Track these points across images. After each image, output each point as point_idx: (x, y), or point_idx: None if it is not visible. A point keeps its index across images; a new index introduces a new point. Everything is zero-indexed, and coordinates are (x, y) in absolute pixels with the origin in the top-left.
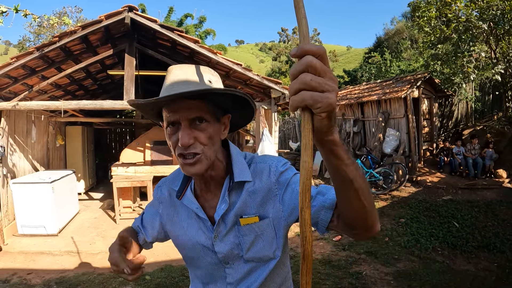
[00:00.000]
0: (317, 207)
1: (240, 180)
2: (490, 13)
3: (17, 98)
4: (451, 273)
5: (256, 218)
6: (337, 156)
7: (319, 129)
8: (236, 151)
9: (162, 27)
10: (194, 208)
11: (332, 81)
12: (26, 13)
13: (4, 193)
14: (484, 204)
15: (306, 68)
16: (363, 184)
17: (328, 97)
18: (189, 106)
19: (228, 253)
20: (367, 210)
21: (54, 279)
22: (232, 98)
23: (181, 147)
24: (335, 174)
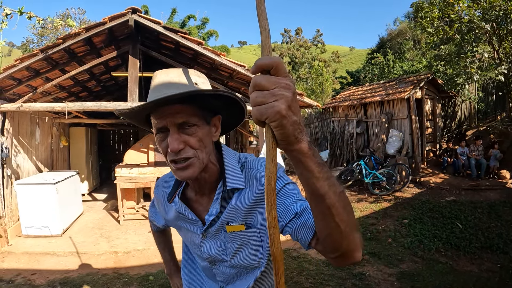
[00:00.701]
0: (299, 225)
1: (232, 188)
2: (492, 13)
3: (21, 100)
4: (454, 274)
5: (242, 227)
6: (306, 167)
7: (279, 139)
8: (229, 155)
9: (166, 29)
10: (183, 210)
11: (282, 89)
12: (30, 15)
13: (9, 194)
14: (487, 205)
15: (254, 88)
16: (338, 203)
17: (272, 106)
18: (175, 111)
19: (213, 256)
20: (342, 231)
21: (58, 279)
22: (220, 98)
23: (171, 153)
24: (304, 187)
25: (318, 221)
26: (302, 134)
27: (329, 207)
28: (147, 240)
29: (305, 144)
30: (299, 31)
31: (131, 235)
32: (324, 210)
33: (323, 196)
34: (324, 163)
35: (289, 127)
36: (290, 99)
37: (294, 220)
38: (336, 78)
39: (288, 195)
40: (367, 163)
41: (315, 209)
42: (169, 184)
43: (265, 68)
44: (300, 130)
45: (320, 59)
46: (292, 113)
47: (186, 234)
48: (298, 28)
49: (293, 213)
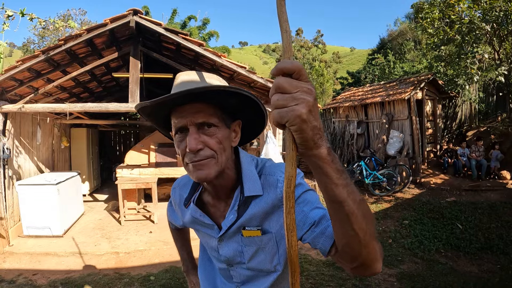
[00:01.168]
0: (317, 234)
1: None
2: (493, 14)
3: (22, 101)
4: (455, 275)
5: (258, 232)
6: (324, 173)
7: (298, 143)
8: (247, 161)
9: (167, 30)
10: (198, 216)
11: (303, 94)
12: (32, 17)
13: (10, 195)
14: (488, 205)
15: (275, 90)
16: (357, 210)
17: (293, 109)
18: (195, 110)
19: (231, 258)
20: (360, 240)
21: (59, 279)
22: (241, 101)
23: (190, 153)
24: (323, 193)
25: (336, 229)
26: (322, 139)
27: (347, 214)
28: (148, 241)
29: (324, 149)
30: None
31: (132, 236)
32: (343, 218)
33: (342, 203)
34: (344, 169)
35: (309, 132)
36: (311, 104)
37: (313, 229)
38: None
39: (307, 203)
40: (368, 163)
41: (334, 216)
42: (186, 188)
43: (287, 72)
44: (320, 136)
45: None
46: (312, 118)
47: (203, 237)
48: (299, 28)
49: (311, 222)
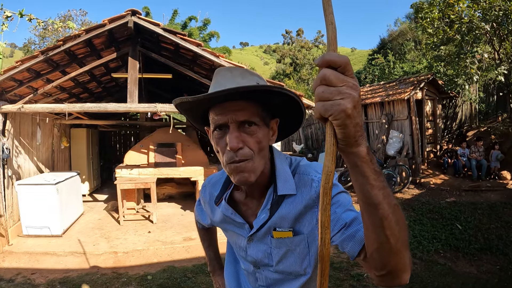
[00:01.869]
0: (347, 236)
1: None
2: (492, 13)
3: (22, 101)
4: (453, 276)
5: (290, 233)
6: (362, 172)
7: (339, 138)
8: (281, 159)
9: (165, 31)
10: (229, 214)
11: (349, 89)
12: (30, 17)
13: (9, 194)
14: (487, 206)
15: (320, 81)
16: (391, 215)
17: (339, 103)
18: (238, 108)
19: (258, 260)
20: (391, 247)
21: (58, 279)
22: (281, 101)
23: (230, 151)
24: (358, 193)
25: (368, 233)
26: (362, 138)
27: (381, 218)
28: (146, 241)
29: (364, 148)
30: (300, 32)
31: (130, 236)
32: (376, 221)
33: (377, 206)
34: (381, 172)
35: (351, 128)
36: (357, 100)
37: (343, 231)
38: None
39: (340, 204)
40: None
41: (367, 219)
42: (217, 186)
43: (333, 64)
44: (361, 134)
45: None
46: (356, 114)
47: (232, 236)
48: (300, 29)
49: (342, 223)
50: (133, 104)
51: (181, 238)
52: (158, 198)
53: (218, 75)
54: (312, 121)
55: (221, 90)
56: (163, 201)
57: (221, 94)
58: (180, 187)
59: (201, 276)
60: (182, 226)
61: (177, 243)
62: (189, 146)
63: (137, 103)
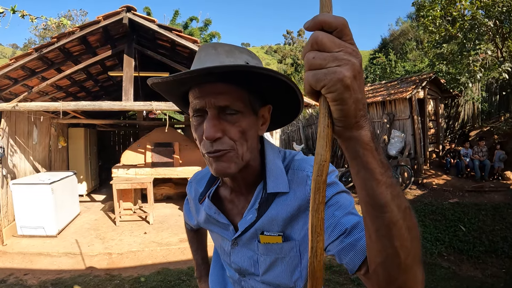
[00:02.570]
0: (346, 246)
1: (273, 192)
2: (496, 10)
3: (17, 99)
4: (457, 280)
5: (279, 238)
6: (364, 164)
7: (336, 117)
8: (273, 152)
9: (161, 27)
10: (212, 213)
11: (348, 55)
12: (23, 14)
13: (4, 194)
14: (491, 207)
15: (311, 46)
16: (401, 221)
17: (334, 71)
18: (218, 91)
19: (243, 268)
20: (400, 262)
21: (50, 280)
22: (273, 84)
23: (207, 142)
24: (359, 192)
25: (371, 243)
26: (365, 119)
27: (388, 224)
28: (142, 242)
29: (367, 132)
30: (301, 32)
31: (126, 237)
32: (381, 228)
33: (383, 208)
34: (389, 164)
35: (351, 104)
36: (357, 69)
37: (342, 239)
38: None
39: (339, 206)
40: None
41: (370, 225)
42: (203, 181)
43: (327, 26)
44: (363, 114)
45: None
46: (357, 86)
47: (217, 239)
48: (301, 29)
49: (341, 229)
50: (128, 102)
51: (177, 239)
52: (156, 198)
53: (201, 51)
54: (313, 121)
55: (191, 70)
56: (161, 201)
57: (191, 75)
58: (178, 188)
59: (196, 280)
60: (179, 227)
61: (173, 244)
62: (187, 146)
63: (132, 101)
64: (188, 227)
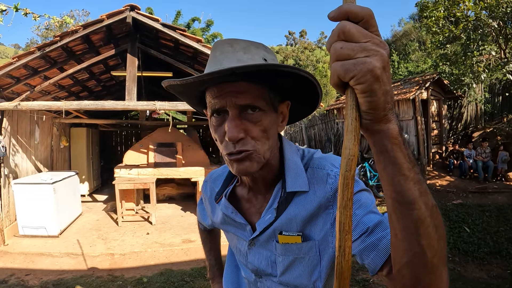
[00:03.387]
0: (368, 245)
1: (293, 191)
2: (499, 10)
3: (19, 98)
4: (463, 281)
5: (298, 238)
6: (392, 159)
7: (364, 110)
8: (291, 150)
9: (164, 26)
10: (229, 213)
11: (374, 45)
12: (26, 12)
13: (6, 194)
14: (495, 208)
15: (338, 36)
16: (429, 219)
17: (364, 61)
18: (238, 89)
19: (260, 268)
20: (427, 262)
21: (52, 280)
22: (292, 80)
23: (229, 142)
24: (386, 188)
25: (397, 242)
26: (393, 113)
27: (416, 222)
28: (144, 242)
29: (395, 126)
30: (303, 33)
31: (128, 237)
32: (409, 226)
33: (411, 204)
34: (416, 160)
35: (380, 96)
36: (386, 60)
37: (364, 238)
38: None
39: (361, 204)
40: (372, 165)
41: (396, 223)
42: (219, 180)
43: (353, 17)
44: (391, 107)
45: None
46: (386, 78)
47: (232, 239)
48: (303, 30)
49: (363, 228)
50: (131, 102)
51: (180, 240)
52: (158, 199)
53: (217, 49)
54: (316, 121)
55: (213, 72)
56: (163, 202)
57: (213, 76)
58: (181, 188)
59: (199, 280)
60: (182, 228)
61: (176, 245)
62: (190, 146)
63: (135, 101)
64: (202, 227)
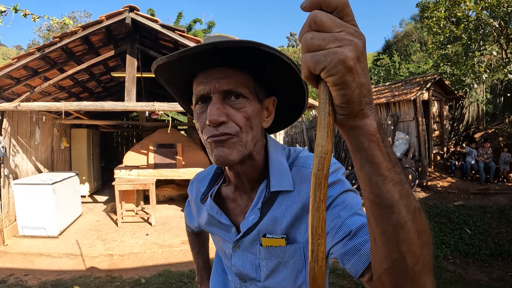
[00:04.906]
0: (350, 249)
1: (277, 190)
2: (500, 10)
3: (19, 99)
4: (463, 283)
5: (282, 241)
6: (370, 157)
7: (338, 104)
8: (276, 148)
9: (163, 27)
10: (214, 213)
11: (349, 35)
12: (25, 13)
13: (6, 194)
14: (497, 209)
15: (309, 27)
16: (410, 223)
17: (335, 52)
18: (223, 75)
19: (244, 272)
20: (408, 269)
21: (50, 281)
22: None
23: (209, 127)
24: (364, 189)
25: (376, 247)
26: (371, 107)
27: (396, 226)
28: (143, 243)
29: (373, 121)
30: None
31: (128, 238)
32: (388, 231)
33: (390, 208)
34: (397, 159)
35: (354, 88)
36: (361, 50)
37: (346, 241)
38: None
39: (346, 206)
40: None
41: (374, 228)
42: (205, 181)
43: (326, 6)
44: (369, 101)
45: None
46: (361, 70)
47: (218, 241)
48: None
49: (346, 231)
50: (130, 103)
51: (179, 241)
52: (158, 200)
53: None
54: (316, 123)
55: (195, 46)
56: (163, 203)
57: (196, 50)
58: (181, 189)
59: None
60: (181, 229)
61: (175, 246)
62: (190, 147)
63: (135, 101)
64: (190, 230)
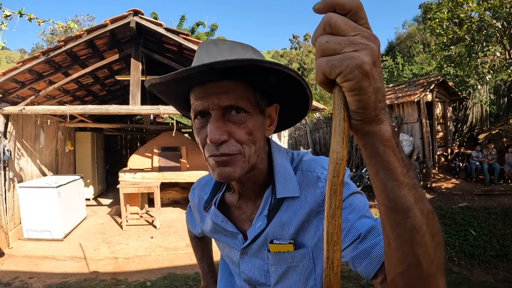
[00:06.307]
0: (360, 252)
1: (283, 197)
2: (503, 11)
3: (24, 103)
4: (469, 285)
5: (290, 246)
6: (385, 163)
7: (353, 109)
8: (280, 153)
9: (168, 31)
10: (219, 221)
11: (363, 38)
12: (30, 17)
13: (11, 197)
14: (501, 211)
15: (324, 29)
16: (425, 226)
17: (351, 56)
18: (222, 90)
19: (253, 279)
20: (422, 272)
21: (55, 284)
22: (280, 81)
23: (211, 145)
24: (379, 194)
25: (390, 251)
26: (385, 112)
27: (411, 230)
28: (148, 246)
29: (388, 127)
30: (307, 36)
31: (132, 241)
32: (403, 235)
33: (405, 212)
34: (411, 164)
35: (370, 94)
36: (376, 54)
37: (356, 245)
38: None
39: (353, 208)
40: None
41: (390, 232)
42: (207, 188)
43: (340, 8)
44: (383, 106)
45: None
46: (377, 75)
47: (224, 248)
48: (307, 33)
49: (356, 234)
50: (135, 106)
51: (184, 244)
52: (163, 203)
53: (202, 48)
54: (320, 125)
55: (191, 67)
56: (168, 206)
57: (191, 72)
58: (185, 192)
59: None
60: (186, 232)
61: (180, 249)
62: (194, 150)
63: (139, 105)
64: (192, 235)
